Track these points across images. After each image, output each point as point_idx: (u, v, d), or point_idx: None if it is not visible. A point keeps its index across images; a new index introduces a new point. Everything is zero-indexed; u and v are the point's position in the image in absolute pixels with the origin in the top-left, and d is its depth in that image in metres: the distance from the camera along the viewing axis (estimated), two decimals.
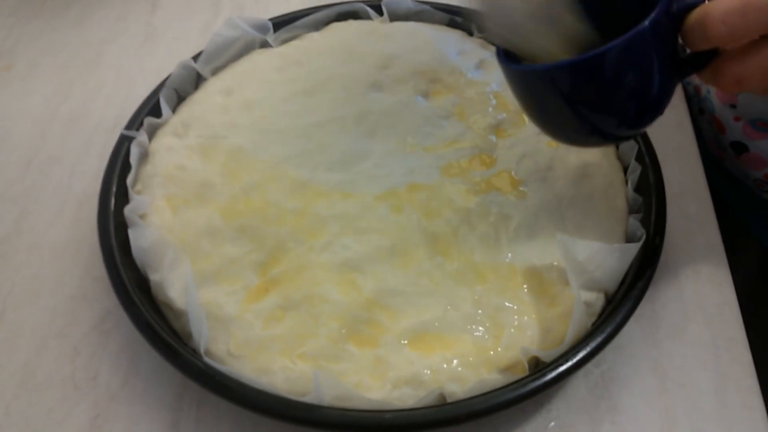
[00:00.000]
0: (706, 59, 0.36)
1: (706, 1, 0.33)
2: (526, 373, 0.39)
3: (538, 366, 0.40)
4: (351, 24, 0.59)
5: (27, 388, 0.43)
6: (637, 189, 0.47)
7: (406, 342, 0.41)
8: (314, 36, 0.59)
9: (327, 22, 0.60)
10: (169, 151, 0.50)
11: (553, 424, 0.41)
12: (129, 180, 0.48)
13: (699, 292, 0.47)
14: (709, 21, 0.33)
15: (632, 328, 0.44)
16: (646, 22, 0.34)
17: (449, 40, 0.58)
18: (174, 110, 0.53)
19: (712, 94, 0.55)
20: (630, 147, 0.49)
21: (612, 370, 0.43)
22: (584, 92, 0.36)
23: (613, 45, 0.34)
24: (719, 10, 0.32)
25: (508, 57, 0.39)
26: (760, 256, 0.61)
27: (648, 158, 0.48)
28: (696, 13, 0.33)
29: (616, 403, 0.42)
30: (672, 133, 0.56)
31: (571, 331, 0.39)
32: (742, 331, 0.45)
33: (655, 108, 0.38)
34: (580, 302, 0.40)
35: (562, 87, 0.36)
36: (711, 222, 0.51)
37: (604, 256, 0.42)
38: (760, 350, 0.45)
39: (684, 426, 0.41)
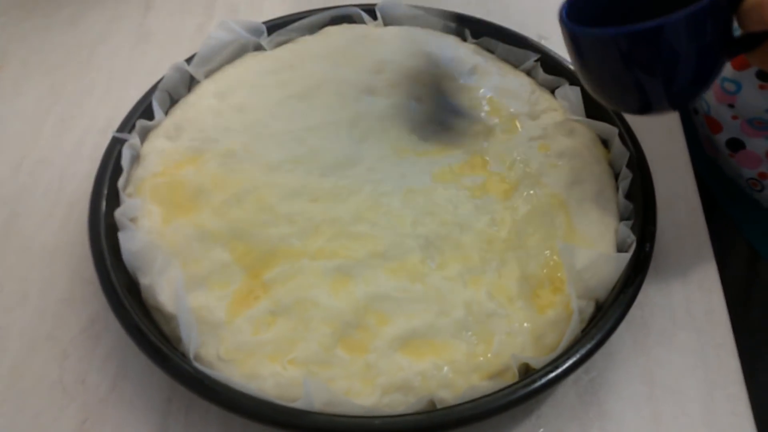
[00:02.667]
0: (757, 41, 0.38)
1: None
2: (517, 379, 0.39)
3: (528, 372, 0.40)
4: (345, 28, 0.59)
5: (14, 392, 0.43)
6: (628, 196, 0.48)
7: (396, 348, 0.41)
8: (308, 40, 0.59)
9: (321, 26, 0.60)
10: (161, 154, 0.50)
11: (542, 430, 0.41)
12: (120, 183, 0.48)
13: (688, 299, 0.47)
14: (765, 5, 0.34)
15: (622, 335, 0.44)
16: (706, 1, 0.36)
17: (443, 45, 0.58)
18: (166, 113, 0.53)
19: (709, 94, 0.55)
20: (621, 154, 0.49)
21: (601, 377, 0.43)
22: (640, 59, 0.39)
23: (674, 17, 0.36)
24: None
25: (570, 18, 0.41)
26: (748, 256, 0.61)
27: (639, 165, 0.48)
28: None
29: (605, 410, 0.42)
30: (663, 140, 0.57)
31: (566, 341, 0.40)
32: (731, 337, 0.45)
33: (701, 83, 0.40)
34: (577, 312, 0.40)
35: (620, 52, 0.39)
36: (701, 229, 0.51)
37: (600, 265, 0.42)
38: (746, 353, 0.45)
39: None
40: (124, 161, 0.48)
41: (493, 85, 0.55)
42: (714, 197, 0.62)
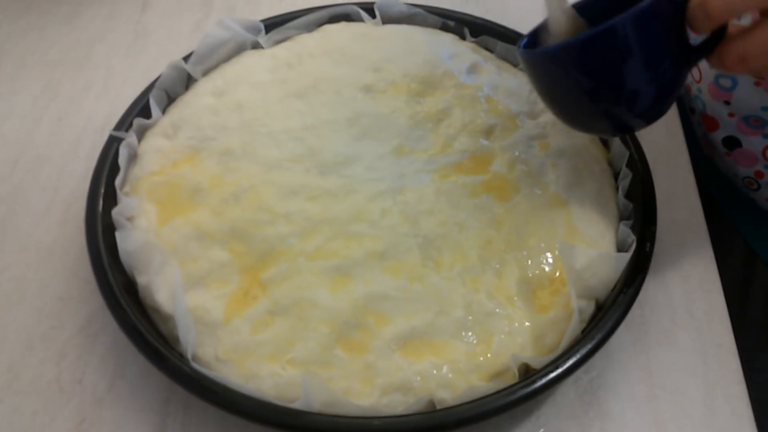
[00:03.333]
0: (713, 44, 0.37)
1: None
2: (516, 379, 0.39)
3: (528, 373, 0.40)
4: (343, 26, 0.59)
5: (11, 392, 0.42)
6: (628, 195, 0.48)
7: (396, 348, 0.40)
8: (306, 38, 0.58)
9: (319, 24, 0.59)
10: (158, 152, 0.49)
11: (542, 430, 0.41)
12: (117, 181, 0.47)
13: (688, 299, 0.47)
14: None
15: (622, 335, 0.44)
16: (646, 3, 0.35)
17: (441, 43, 0.58)
18: (164, 111, 0.53)
19: (704, 92, 0.55)
20: (621, 153, 0.49)
21: (601, 377, 0.43)
22: (592, 70, 0.38)
23: (616, 21, 0.35)
24: None
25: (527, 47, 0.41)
26: (745, 256, 0.61)
27: (639, 165, 0.48)
28: None
29: (605, 410, 0.42)
30: (662, 139, 0.56)
31: (566, 341, 0.39)
32: (731, 337, 0.45)
33: (665, 94, 0.39)
34: (577, 312, 0.40)
35: (572, 66, 0.38)
36: (701, 228, 0.51)
37: (600, 265, 0.42)
38: (744, 352, 0.45)
39: None
40: (121, 160, 0.48)
41: (492, 83, 0.55)
42: (712, 197, 0.62)
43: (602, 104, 0.39)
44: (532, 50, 0.40)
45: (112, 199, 0.46)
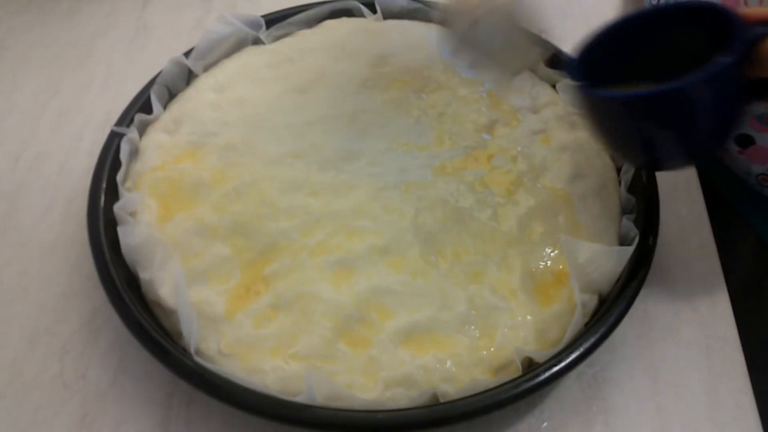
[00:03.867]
0: None
1: None
2: (520, 373, 0.39)
3: (531, 366, 0.40)
4: (344, 22, 0.59)
5: (14, 387, 0.42)
6: (630, 189, 0.47)
7: (399, 342, 0.40)
8: (307, 33, 0.58)
9: (320, 20, 0.59)
10: (159, 148, 0.49)
11: (546, 424, 0.41)
12: (119, 177, 0.47)
13: (691, 293, 0.47)
14: None
15: (625, 329, 0.44)
16: (730, 58, 0.34)
17: (443, 38, 0.58)
18: (165, 107, 0.53)
19: None
20: None
21: (605, 371, 0.43)
22: (657, 120, 0.37)
23: (697, 79, 0.34)
24: None
25: (581, 79, 0.39)
26: (757, 253, 0.61)
27: None
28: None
29: (608, 404, 0.42)
30: None
31: (569, 335, 0.39)
32: (735, 331, 0.45)
33: (722, 137, 0.39)
34: (581, 305, 0.40)
35: (637, 113, 0.37)
36: (703, 222, 0.51)
37: (603, 258, 0.42)
38: (753, 348, 0.45)
39: (676, 426, 0.41)
40: (123, 155, 0.48)
41: (493, 78, 0.55)
42: (721, 196, 0.62)
43: (658, 145, 0.39)
44: (601, 92, 0.39)
45: (114, 194, 0.46)
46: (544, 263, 0.44)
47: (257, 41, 0.58)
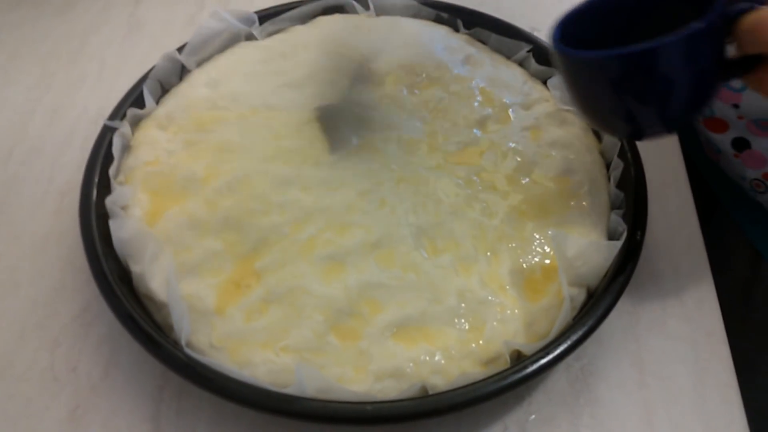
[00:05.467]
0: (751, 64, 0.37)
1: (760, 7, 0.34)
2: (508, 366, 0.39)
3: (520, 359, 0.40)
4: (337, 18, 0.59)
5: (5, 379, 0.42)
6: (619, 185, 0.48)
7: (389, 335, 0.41)
8: (300, 29, 0.58)
9: (313, 16, 0.60)
10: (152, 142, 0.49)
11: (533, 416, 0.42)
12: (111, 171, 0.47)
13: (678, 288, 0.47)
14: (763, 27, 0.34)
15: (612, 323, 0.44)
16: (703, 24, 0.35)
17: (435, 35, 0.58)
18: (158, 102, 0.53)
19: None
20: (613, 143, 0.50)
21: (592, 364, 0.44)
22: (632, 82, 0.37)
23: (668, 40, 0.35)
24: None
25: (562, 41, 0.39)
26: (750, 258, 0.61)
27: (630, 155, 0.48)
28: (750, 18, 0.34)
29: (595, 397, 0.42)
30: None
31: (557, 328, 0.40)
32: (721, 326, 0.46)
33: (694, 107, 0.39)
34: (569, 299, 0.40)
35: (611, 75, 0.38)
36: (691, 218, 0.51)
37: (591, 252, 0.42)
38: (739, 342, 0.46)
39: (662, 419, 0.42)
40: (115, 150, 0.48)
41: (485, 75, 0.55)
42: (716, 199, 0.62)
43: (635, 110, 0.39)
44: (574, 51, 0.39)
45: (106, 188, 0.46)
46: (533, 258, 0.44)
47: (250, 37, 0.58)
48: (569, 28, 0.40)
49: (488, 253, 0.44)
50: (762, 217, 0.59)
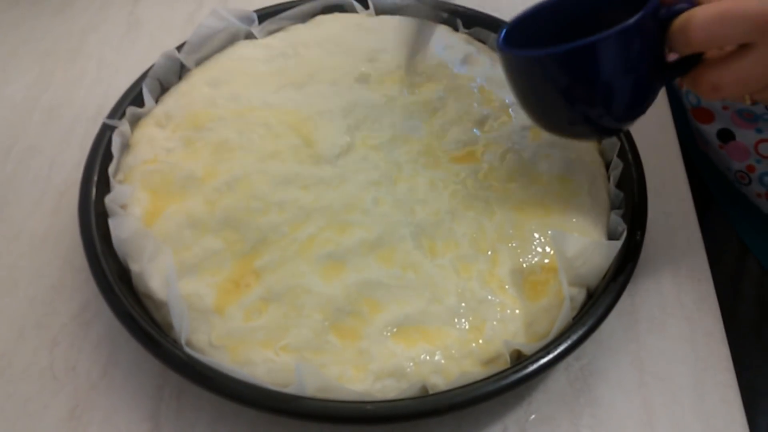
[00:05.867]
0: (689, 65, 0.38)
1: (691, 8, 0.35)
2: (508, 365, 0.39)
3: (520, 359, 0.40)
4: (337, 17, 0.59)
5: (4, 379, 0.42)
6: (619, 185, 0.48)
7: (389, 334, 0.41)
8: (300, 28, 0.58)
9: (312, 15, 0.59)
10: (151, 141, 0.49)
11: (533, 416, 0.42)
12: (111, 170, 0.47)
13: (678, 287, 0.47)
14: (691, 26, 0.34)
15: (612, 322, 0.45)
16: (632, 20, 0.35)
17: (435, 34, 0.58)
18: (157, 101, 0.53)
19: None
20: (612, 143, 0.50)
21: (592, 364, 0.44)
22: (570, 79, 0.38)
23: (601, 36, 0.36)
24: (701, 17, 0.34)
25: (507, 44, 0.41)
26: (738, 251, 0.61)
27: (630, 155, 0.48)
28: (680, 19, 0.35)
29: (595, 396, 0.42)
30: (654, 131, 0.57)
31: (557, 328, 0.40)
32: (720, 326, 0.46)
33: (637, 105, 0.40)
34: (569, 299, 0.40)
35: (551, 73, 0.39)
36: (691, 218, 0.52)
37: (591, 252, 0.42)
38: (738, 343, 0.46)
39: (662, 419, 0.42)
40: (114, 148, 0.48)
41: (485, 74, 0.55)
42: (709, 191, 0.62)
43: (577, 110, 0.40)
44: (512, 51, 0.40)
45: (105, 187, 0.46)
46: (533, 257, 0.44)
47: (249, 36, 0.58)
48: (515, 32, 0.41)
49: (488, 253, 0.44)
50: (747, 210, 0.60)
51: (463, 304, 0.42)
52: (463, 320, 0.41)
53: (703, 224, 0.51)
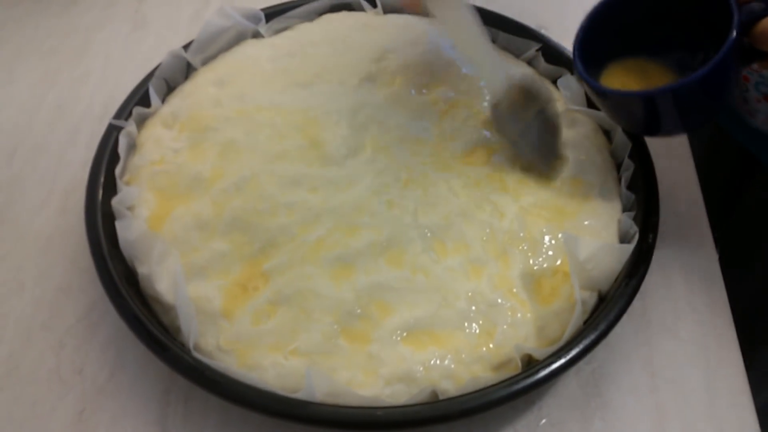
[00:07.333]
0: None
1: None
2: (519, 370, 0.39)
3: (530, 363, 0.40)
4: (344, 15, 0.59)
5: (11, 381, 0.42)
6: (630, 187, 0.47)
7: (399, 338, 0.40)
8: (307, 27, 0.58)
9: (320, 13, 0.59)
10: (158, 142, 0.49)
11: (544, 421, 0.41)
12: (117, 171, 0.47)
13: (690, 291, 0.47)
14: None
15: (624, 326, 0.44)
16: (724, 49, 0.37)
17: (443, 33, 0.58)
18: (163, 100, 0.52)
19: None
20: (624, 144, 0.49)
21: (603, 368, 0.43)
22: (673, 107, 0.41)
23: (702, 73, 0.38)
24: None
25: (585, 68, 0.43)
26: (756, 250, 0.60)
27: (641, 156, 0.48)
28: (764, 23, 0.37)
29: (606, 401, 0.42)
30: None
31: (569, 332, 0.39)
32: (732, 329, 0.45)
33: (722, 105, 0.43)
34: (580, 303, 0.40)
35: (645, 106, 0.42)
36: (702, 220, 0.51)
37: (603, 255, 0.42)
38: (751, 346, 0.45)
39: (674, 423, 0.41)
40: (121, 149, 0.48)
41: None
42: (721, 195, 0.61)
43: (667, 123, 0.43)
44: (606, 89, 0.43)
45: (111, 188, 0.46)
46: (544, 260, 0.44)
47: (256, 34, 0.57)
48: (584, 42, 0.43)
49: (498, 256, 0.44)
50: None
51: (474, 308, 0.42)
52: (474, 324, 0.41)
53: (712, 226, 0.51)
